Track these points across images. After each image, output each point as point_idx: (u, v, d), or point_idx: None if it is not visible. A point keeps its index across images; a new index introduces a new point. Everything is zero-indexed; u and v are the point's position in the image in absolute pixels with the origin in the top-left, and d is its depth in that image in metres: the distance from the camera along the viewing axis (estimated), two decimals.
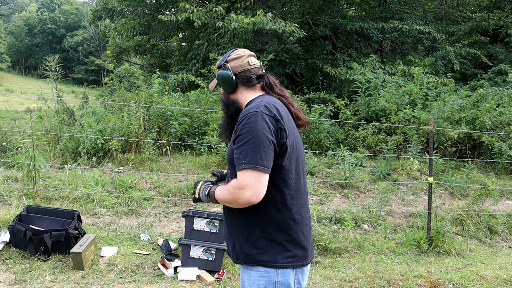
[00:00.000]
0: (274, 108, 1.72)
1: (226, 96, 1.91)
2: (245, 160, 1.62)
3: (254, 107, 1.71)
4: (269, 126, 1.66)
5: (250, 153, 1.62)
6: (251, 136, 1.63)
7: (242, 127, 1.66)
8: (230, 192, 1.67)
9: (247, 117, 1.67)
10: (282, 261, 1.72)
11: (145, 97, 6.92)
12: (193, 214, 3.74)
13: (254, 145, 1.63)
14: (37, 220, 3.98)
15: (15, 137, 6.54)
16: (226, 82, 1.86)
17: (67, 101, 7.91)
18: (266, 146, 1.63)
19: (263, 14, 8.01)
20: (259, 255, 1.72)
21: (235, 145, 1.68)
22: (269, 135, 1.65)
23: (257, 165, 1.61)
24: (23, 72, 53.73)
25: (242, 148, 1.65)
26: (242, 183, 1.63)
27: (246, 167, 1.62)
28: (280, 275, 1.73)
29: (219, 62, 1.92)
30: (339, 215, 4.95)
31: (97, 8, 12.56)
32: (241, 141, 1.66)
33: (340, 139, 7.34)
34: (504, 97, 7.56)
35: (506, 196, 5.98)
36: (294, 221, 1.75)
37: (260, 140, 1.63)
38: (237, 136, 1.68)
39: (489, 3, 13.25)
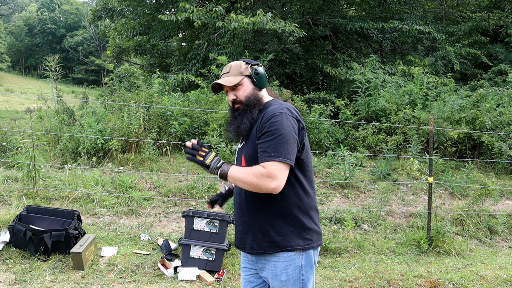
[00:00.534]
0: (295, 111, 1.93)
1: (255, 92, 2.02)
2: (274, 153, 1.79)
3: (277, 108, 1.90)
4: (293, 125, 1.86)
5: (279, 148, 1.80)
6: (279, 133, 1.81)
7: (270, 125, 1.84)
8: (257, 176, 1.79)
9: (274, 116, 1.85)
10: (304, 243, 1.91)
11: (145, 97, 6.92)
12: (193, 214, 3.74)
13: (283, 141, 1.81)
14: (37, 220, 3.98)
15: (15, 137, 6.54)
16: (262, 77, 2.02)
17: (67, 101, 7.91)
18: (292, 142, 1.83)
19: (263, 14, 8.01)
20: (283, 241, 1.89)
21: (262, 139, 1.85)
22: (294, 133, 1.85)
23: (285, 158, 1.80)
24: (23, 72, 53.73)
25: (270, 142, 1.81)
26: (272, 173, 1.78)
27: (276, 159, 1.79)
28: (304, 258, 1.92)
29: (246, 61, 2.05)
30: (339, 215, 4.95)
31: (97, 8, 12.56)
32: (269, 137, 1.82)
33: (340, 139, 7.34)
34: (504, 97, 7.56)
35: (506, 196, 5.98)
36: (311, 207, 1.96)
37: (288, 137, 1.82)
38: (265, 132, 1.84)
39: (489, 3, 13.25)
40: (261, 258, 1.95)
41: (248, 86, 2.02)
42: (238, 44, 8.96)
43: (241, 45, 8.98)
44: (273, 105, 1.95)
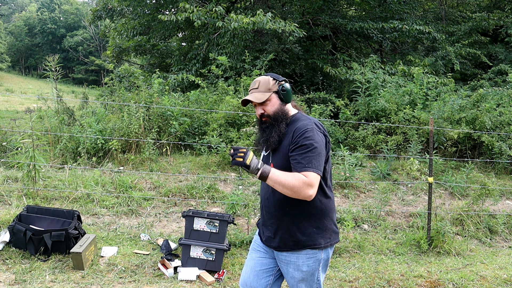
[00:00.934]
0: (321, 126, 2.15)
1: (281, 107, 2.20)
2: (309, 165, 1.99)
3: (309, 124, 2.10)
4: (322, 140, 2.08)
5: (313, 160, 2.01)
6: (313, 146, 2.02)
7: (304, 139, 2.03)
8: (300, 183, 1.96)
9: (307, 131, 2.05)
10: (324, 242, 2.15)
11: (145, 97, 6.92)
12: (193, 214, 3.74)
13: (316, 154, 2.02)
14: (37, 220, 3.98)
15: (15, 137, 6.54)
16: (289, 93, 2.20)
17: (67, 101, 7.91)
18: (322, 155, 2.05)
19: (262, 14, 8.01)
20: (307, 241, 2.12)
21: (297, 152, 2.04)
22: (323, 147, 2.08)
23: (319, 170, 2.01)
24: (23, 72, 53.73)
25: (305, 155, 2.01)
26: (312, 182, 1.98)
27: (313, 171, 1.99)
28: (324, 253, 2.16)
29: (273, 76, 2.22)
30: (339, 215, 4.95)
31: (97, 8, 12.55)
32: (304, 149, 2.02)
33: (340, 139, 7.34)
34: (504, 97, 7.56)
35: (506, 196, 5.98)
36: (331, 210, 2.20)
37: (319, 150, 2.04)
38: (300, 145, 2.04)
39: (489, 3, 13.25)
40: (284, 252, 2.17)
41: (275, 102, 2.19)
42: (238, 44, 8.95)
43: (241, 45, 8.98)
44: (303, 120, 2.14)
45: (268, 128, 2.18)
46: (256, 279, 2.26)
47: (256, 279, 2.26)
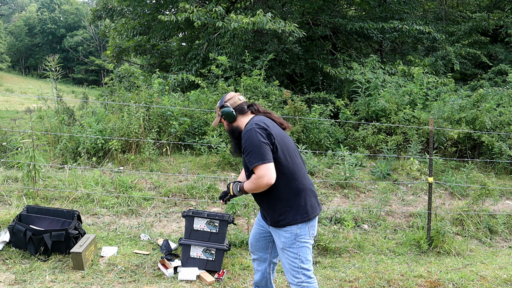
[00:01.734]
0: (262, 122, 2.54)
1: (230, 125, 2.71)
2: (254, 160, 2.43)
3: (247, 127, 2.54)
4: (260, 134, 2.47)
5: (255, 155, 2.43)
6: (251, 146, 2.45)
7: (245, 141, 2.50)
8: (253, 182, 2.48)
9: (245, 134, 2.52)
10: (301, 218, 2.54)
11: (145, 97, 6.92)
12: (193, 214, 3.74)
13: (256, 149, 2.44)
14: (37, 220, 3.98)
15: (15, 137, 6.54)
16: (229, 115, 2.67)
17: (67, 101, 7.91)
18: (262, 147, 2.44)
19: (262, 14, 8.01)
20: (284, 220, 2.55)
21: (244, 154, 2.51)
22: (263, 139, 2.46)
23: (264, 159, 2.42)
24: (23, 72, 53.72)
25: (249, 154, 2.46)
26: (259, 174, 2.43)
27: (257, 164, 2.42)
28: (299, 229, 2.55)
29: (220, 103, 2.73)
30: (339, 215, 4.95)
31: (97, 8, 12.55)
32: (247, 150, 2.48)
33: (340, 139, 7.34)
34: (504, 97, 7.56)
35: (506, 196, 5.98)
36: (299, 189, 2.56)
37: (257, 144, 2.44)
38: (244, 148, 2.51)
39: (489, 3, 13.25)
40: (272, 227, 2.66)
41: (224, 122, 2.74)
42: (238, 44, 8.95)
43: (241, 45, 8.98)
44: (246, 126, 2.58)
45: (231, 141, 2.76)
46: (258, 242, 2.89)
47: (258, 242, 2.89)
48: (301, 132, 7.01)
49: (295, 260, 2.57)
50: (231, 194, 2.68)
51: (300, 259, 2.57)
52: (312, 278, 2.63)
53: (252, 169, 2.44)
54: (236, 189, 2.65)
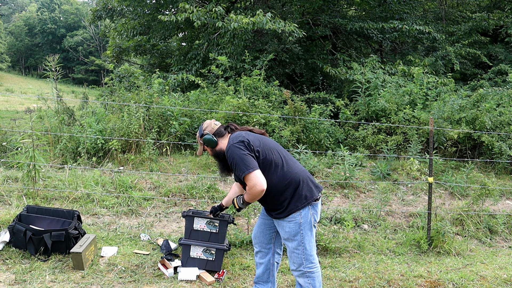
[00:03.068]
0: (237, 138, 2.76)
1: (214, 150, 2.93)
2: (241, 171, 2.64)
3: (227, 146, 2.78)
4: (239, 147, 2.69)
5: (241, 166, 2.64)
6: (234, 160, 2.68)
7: (229, 159, 2.74)
8: (249, 193, 2.70)
9: (228, 153, 2.75)
10: (301, 204, 2.72)
11: (145, 97, 6.92)
12: (193, 214, 3.74)
13: (239, 161, 2.65)
14: (37, 220, 3.98)
15: (15, 137, 6.54)
16: (211, 141, 2.90)
17: (67, 101, 7.91)
18: (244, 158, 2.65)
19: (262, 14, 8.01)
20: (286, 210, 2.73)
21: (234, 170, 2.75)
22: (242, 151, 2.67)
23: (247, 169, 2.63)
24: (23, 72, 53.70)
25: (235, 168, 2.69)
26: (250, 184, 2.64)
27: (245, 173, 2.63)
28: (303, 217, 2.72)
29: (199, 133, 2.95)
30: (339, 215, 4.95)
31: (97, 8, 12.55)
32: (233, 166, 2.71)
33: (340, 139, 7.34)
34: (504, 97, 7.55)
35: (506, 196, 5.98)
36: (292, 179, 2.75)
37: (239, 157, 2.66)
38: (231, 165, 2.75)
39: (489, 3, 13.25)
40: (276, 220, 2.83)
41: (208, 149, 2.96)
42: (238, 44, 8.95)
43: (241, 45, 8.98)
44: (226, 147, 2.78)
45: (218, 164, 2.98)
46: (262, 234, 3.04)
47: (262, 234, 3.04)
48: (301, 132, 7.01)
49: (299, 247, 2.73)
50: (237, 207, 2.88)
51: (304, 246, 2.73)
52: (314, 263, 2.78)
53: (243, 179, 2.66)
54: (239, 202, 2.86)
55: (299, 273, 2.77)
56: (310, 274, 2.76)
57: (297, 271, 2.78)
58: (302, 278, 2.78)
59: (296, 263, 2.76)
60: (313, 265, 2.76)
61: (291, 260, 2.80)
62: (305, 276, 2.76)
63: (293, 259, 2.77)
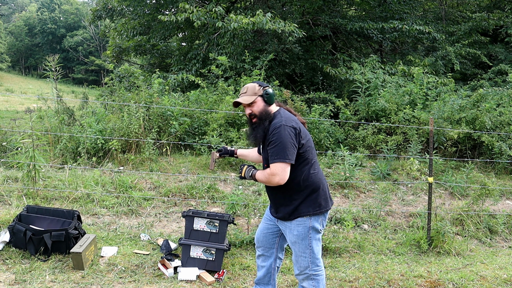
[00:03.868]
0: (292, 120, 2.63)
1: (266, 107, 2.73)
2: (277, 156, 2.53)
3: (278, 122, 2.59)
4: (290, 132, 2.55)
5: (280, 152, 2.53)
6: (279, 141, 2.53)
7: (272, 135, 2.57)
8: (266, 176, 2.62)
9: (275, 129, 2.57)
10: (313, 210, 2.66)
11: (145, 97, 6.92)
12: (193, 214, 3.74)
13: (282, 146, 2.53)
14: (37, 220, 3.98)
15: (15, 137, 6.54)
16: (271, 96, 2.73)
17: (67, 101, 7.91)
18: (289, 146, 2.54)
19: (262, 14, 8.01)
20: (296, 212, 2.67)
21: (269, 147, 2.59)
22: (291, 138, 2.55)
23: (284, 158, 2.53)
24: (23, 72, 53.70)
25: (274, 149, 2.55)
26: (273, 171, 2.56)
27: (278, 161, 2.53)
28: (312, 222, 2.67)
29: (260, 84, 2.76)
30: (339, 215, 4.95)
31: (97, 8, 12.55)
32: (272, 144, 2.56)
33: (340, 139, 7.34)
34: (504, 97, 7.56)
35: (506, 196, 5.98)
36: (316, 183, 2.68)
37: (285, 143, 2.53)
38: (270, 141, 2.59)
39: (489, 3, 13.25)
40: (284, 221, 2.76)
41: (260, 104, 2.72)
42: (238, 44, 8.95)
43: (241, 45, 8.98)
44: (276, 118, 2.64)
45: (257, 127, 2.71)
46: (265, 238, 2.97)
47: (265, 238, 2.97)
48: None
49: (306, 250, 2.70)
50: (242, 175, 2.78)
51: (311, 250, 2.70)
52: (320, 267, 2.76)
53: (271, 162, 2.55)
54: (248, 173, 2.75)
55: (304, 276, 2.75)
56: (315, 277, 2.74)
57: (302, 274, 2.75)
58: (307, 281, 2.75)
59: (302, 266, 2.73)
60: (318, 268, 2.75)
61: (297, 264, 2.75)
62: (310, 279, 2.74)
63: (300, 262, 2.74)
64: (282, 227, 2.80)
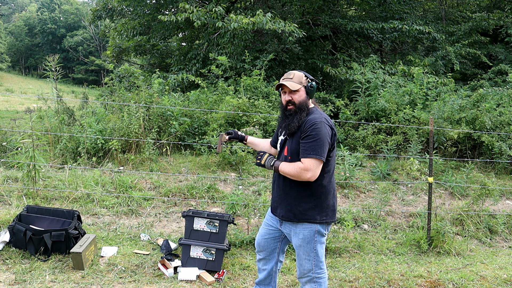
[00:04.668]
0: (330, 121, 2.59)
1: (306, 99, 2.65)
2: (312, 152, 2.46)
3: (318, 117, 2.54)
4: (328, 132, 2.52)
5: (316, 148, 2.47)
6: (318, 137, 2.47)
7: (312, 130, 2.49)
8: (297, 170, 2.50)
9: (315, 123, 2.50)
10: (320, 218, 2.61)
11: (145, 97, 6.92)
12: (193, 214, 3.74)
13: (320, 143, 2.47)
14: (37, 220, 3.98)
15: (15, 137, 6.54)
16: (314, 90, 2.68)
17: (67, 101, 7.91)
18: (325, 145, 2.50)
19: (262, 14, 8.01)
20: (303, 216, 2.61)
21: (305, 140, 2.51)
22: (328, 138, 2.52)
23: (320, 155, 2.47)
24: (23, 72, 53.70)
25: (310, 144, 2.48)
26: (307, 167, 2.47)
27: (313, 156, 2.46)
28: (319, 227, 2.63)
29: (306, 75, 2.67)
30: (339, 215, 4.95)
31: (97, 8, 12.55)
32: (310, 139, 2.48)
33: (340, 139, 7.34)
34: (504, 97, 7.56)
35: (506, 196, 5.98)
36: (330, 193, 2.64)
37: (323, 140, 2.48)
38: (307, 135, 2.50)
39: (489, 3, 13.25)
40: (287, 223, 2.70)
41: (303, 94, 2.64)
42: (238, 44, 8.95)
43: (241, 45, 8.98)
44: (314, 113, 2.59)
45: (291, 115, 2.62)
46: (266, 243, 2.91)
47: (266, 243, 2.91)
48: None
49: (310, 253, 2.68)
50: (262, 163, 2.66)
51: (316, 253, 2.68)
52: (323, 269, 2.75)
53: (303, 158, 2.48)
54: (270, 162, 2.64)
55: (307, 278, 2.73)
56: (318, 279, 2.73)
57: (305, 277, 2.74)
58: (309, 283, 2.75)
59: (306, 269, 2.72)
60: (321, 271, 2.74)
61: (301, 267, 2.73)
62: (312, 282, 2.74)
63: (303, 265, 2.71)
64: (285, 231, 2.77)
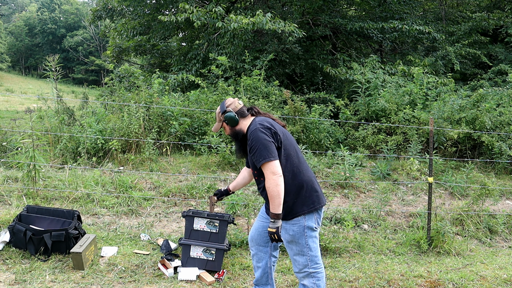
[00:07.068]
0: (265, 122, 2.68)
1: (233, 129, 2.83)
2: (261, 158, 2.56)
3: (252, 127, 2.67)
4: (265, 133, 2.60)
5: (262, 153, 2.56)
6: (257, 144, 2.58)
7: (251, 141, 2.62)
8: (269, 183, 2.54)
9: (250, 135, 2.65)
10: (307, 208, 2.65)
11: (145, 97, 6.92)
12: (193, 214, 3.74)
13: (262, 148, 2.56)
14: (37, 220, 3.98)
15: (15, 137, 6.54)
16: (232, 119, 2.78)
17: (67, 101, 7.91)
18: (268, 146, 2.57)
19: (262, 14, 8.01)
20: (291, 212, 2.65)
21: (251, 153, 2.63)
22: (267, 138, 2.59)
23: (268, 157, 2.54)
24: (23, 72, 53.68)
25: (255, 153, 2.59)
26: (272, 171, 2.54)
27: (263, 161, 2.55)
28: (307, 220, 2.66)
29: (221, 109, 2.82)
30: (339, 215, 4.95)
31: (97, 8, 12.56)
32: (253, 150, 2.60)
33: (340, 139, 7.34)
34: (504, 97, 7.56)
35: (506, 196, 5.98)
36: (304, 181, 2.68)
37: (263, 143, 2.57)
38: (250, 148, 2.64)
39: (489, 3, 13.26)
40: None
41: (227, 127, 2.85)
42: (238, 44, 8.95)
43: (241, 45, 8.98)
44: (252, 125, 2.70)
45: (235, 144, 2.88)
46: (259, 236, 2.97)
47: (259, 236, 2.97)
48: (301, 132, 7.01)
49: (304, 249, 2.69)
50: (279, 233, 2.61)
51: (309, 248, 2.69)
52: (319, 264, 2.75)
53: (260, 166, 2.57)
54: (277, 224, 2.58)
55: (304, 274, 2.74)
56: (316, 274, 2.73)
57: (301, 272, 2.75)
58: (307, 279, 2.75)
59: (301, 264, 2.73)
60: (318, 266, 2.74)
61: (296, 263, 2.75)
62: (310, 277, 2.74)
63: (298, 261, 2.73)
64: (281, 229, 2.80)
